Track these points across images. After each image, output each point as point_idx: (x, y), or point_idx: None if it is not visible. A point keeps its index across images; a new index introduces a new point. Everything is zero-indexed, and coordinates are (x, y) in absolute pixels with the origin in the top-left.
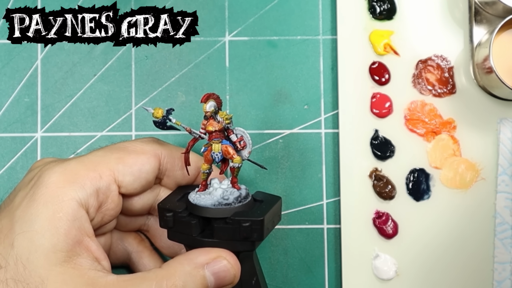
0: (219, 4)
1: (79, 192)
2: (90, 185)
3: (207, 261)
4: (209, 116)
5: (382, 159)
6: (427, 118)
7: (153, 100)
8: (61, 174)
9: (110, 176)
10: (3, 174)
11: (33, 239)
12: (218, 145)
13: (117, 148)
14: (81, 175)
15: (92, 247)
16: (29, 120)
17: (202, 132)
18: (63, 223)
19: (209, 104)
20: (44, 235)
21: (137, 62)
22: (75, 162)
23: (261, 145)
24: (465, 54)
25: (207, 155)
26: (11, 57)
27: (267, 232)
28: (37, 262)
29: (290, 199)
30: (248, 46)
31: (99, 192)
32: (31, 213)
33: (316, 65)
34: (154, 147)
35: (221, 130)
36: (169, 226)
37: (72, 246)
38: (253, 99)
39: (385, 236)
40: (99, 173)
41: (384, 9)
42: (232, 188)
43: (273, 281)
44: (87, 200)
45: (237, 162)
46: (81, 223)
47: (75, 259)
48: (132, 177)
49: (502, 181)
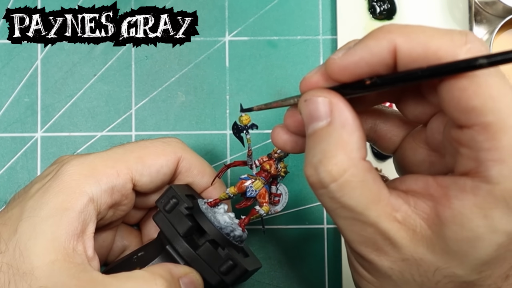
0: (219, 4)
1: (93, 187)
2: (106, 182)
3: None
4: (272, 157)
5: (382, 159)
6: None
7: (153, 100)
8: (78, 167)
9: (127, 174)
10: (3, 174)
11: (35, 225)
12: (260, 183)
13: (138, 147)
14: (98, 170)
15: (87, 244)
16: (29, 120)
17: (256, 164)
18: (68, 213)
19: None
20: (47, 222)
21: (137, 62)
22: (94, 157)
23: (261, 145)
24: None
25: (242, 184)
26: (11, 57)
27: (235, 284)
28: (33, 248)
29: (290, 199)
30: (248, 46)
31: (114, 189)
32: (41, 202)
33: (316, 65)
34: (175, 149)
35: (272, 176)
36: (165, 210)
37: (71, 237)
38: (253, 99)
39: None
40: (117, 171)
41: (384, 9)
42: (237, 226)
43: (273, 281)
44: (100, 196)
45: (264, 211)
46: (85, 218)
47: (69, 251)
48: (149, 178)
49: None
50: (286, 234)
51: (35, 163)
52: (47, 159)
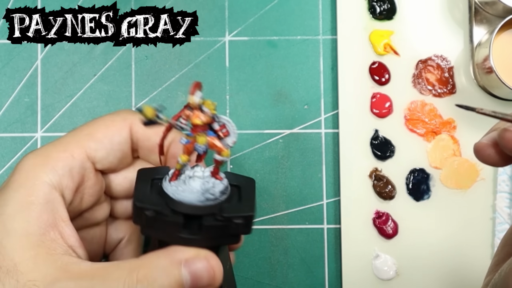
0: (219, 4)
1: (50, 175)
2: (62, 166)
3: (186, 259)
4: (193, 107)
5: (382, 159)
6: (427, 118)
7: (153, 100)
8: (33, 159)
9: (82, 154)
10: (3, 174)
11: (5, 223)
12: (203, 138)
13: (87, 125)
14: (52, 157)
15: (66, 232)
16: (29, 120)
17: (184, 123)
18: (34, 207)
19: (198, 95)
20: (15, 219)
21: (137, 62)
22: (47, 146)
23: (261, 145)
24: (465, 54)
25: (189, 147)
26: (11, 57)
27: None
28: (10, 246)
29: (290, 199)
30: (248, 46)
31: (73, 171)
32: (3, 198)
33: (316, 65)
34: (123, 116)
35: (208, 122)
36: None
37: (45, 229)
38: (253, 99)
39: (385, 236)
40: (71, 153)
41: (384, 9)
42: (212, 179)
43: (273, 281)
44: (60, 181)
45: (225, 156)
46: (53, 206)
47: (49, 243)
48: (104, 151)
49: (501, 181)
50: (286, 234)
51: None
52: None
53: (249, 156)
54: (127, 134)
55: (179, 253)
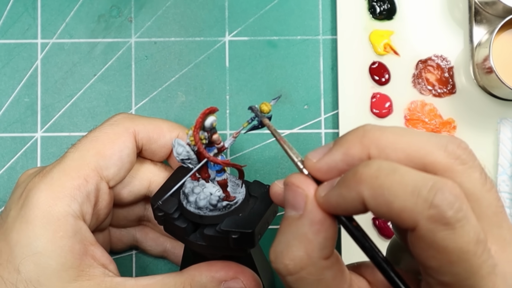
0: (219, 4)
1: (72, 205)
2: (80, 194)
3: (225, 279)
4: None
5: None
6: (427, 118)
7: (153, 100)
8: (48, 191)
9: (95, 177)
10: (3, 174)
11: (39, 262)
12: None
13: (91, 142)
14: (67, 187)
15: (97, 254)
16: (29, 120)
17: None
18: (66, 241)
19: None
20: (50, 256)
21: (137, 62)
22: (57, 173)
23: (261, 145)
24: (465, 54)
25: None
26: (11, 57)
27: (259, 238)
28: (49, 283)
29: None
30: (248, 46)
31: (90, 196)
32: (29, 236)
33: (316, 65)
34: (125, 126)
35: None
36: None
37: (80, 260)
38: (253, 99)
39: (385, 236)
40: (84, 178)
41: (384, 9)
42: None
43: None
44: (81, 209)
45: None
46: (82, 235)
47: (87, 271)
48: (115, 168)
49: (502, 181)
50: None
51: (35, 163)
52: (47, 159)
53: (249, 156)
54: (132, 144)
55: (220, 272)
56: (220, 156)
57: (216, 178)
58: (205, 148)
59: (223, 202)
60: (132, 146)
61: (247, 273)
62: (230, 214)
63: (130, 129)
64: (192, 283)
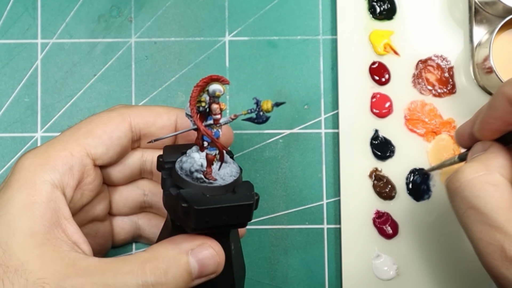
0: (219, 4)
1: (51, 174)
2: (62, 165)
3: (191, 247)
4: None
5: (382, 159)
6: (427, 118)
7: (153, 100)
8: (32, 159)
9: (81, 151)
10: (3, 174)
11: (9, 223)
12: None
13: (85, 123)
14: (52, 156)
15: (70, 230)
16: (29, 120)
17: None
18: (38, 206)
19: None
20: (20, 218)
21: (137, 62)
22: (46, 145)
23: (261, 145)
24: (465, 54)
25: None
26: (11, 57)
27: (207, 222)
28: (15, 245)
29: (290, 199)
30: (248, 46)
31: (73, 169)
32: (6, 198)
33: (316, 65)
34: (120, 111)
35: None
36: (159, 170)
37: (49, 228)
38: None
39: (385, 236)
40: (70, 151)
41: (384, 9)
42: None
43: (273, 281)
44: (61, 180)
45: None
46: (56, 205)
47: (54, 241)
48: (104, 147)
49: None
50: (286, 234)
51: None
52: None
53: (249, 156)
54: (125, 128)
55: (185, 243)
56: (216, 130)
57: (206, 151)
58: (202, 115)
59: (198, 174)
60: (125, 129)
61: (213, 240)
62: (202, 189)
63: (125, 114)
64: (159, 257)
